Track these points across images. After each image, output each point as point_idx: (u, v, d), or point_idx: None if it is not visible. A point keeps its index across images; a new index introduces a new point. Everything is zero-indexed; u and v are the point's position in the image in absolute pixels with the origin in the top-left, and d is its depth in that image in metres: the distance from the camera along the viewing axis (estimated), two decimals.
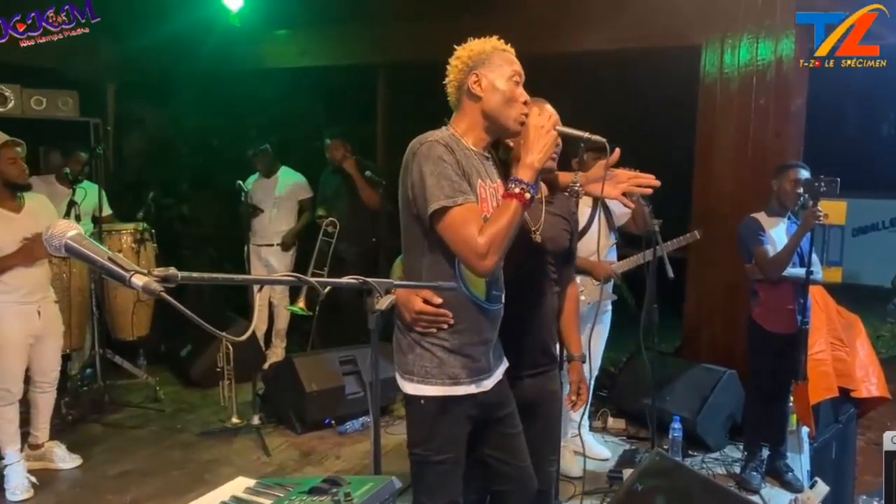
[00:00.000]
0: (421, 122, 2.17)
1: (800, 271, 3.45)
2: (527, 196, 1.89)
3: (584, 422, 4.05)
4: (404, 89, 6.29)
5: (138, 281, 1.08)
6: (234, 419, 4.33)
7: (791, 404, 3.72)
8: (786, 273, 3.48)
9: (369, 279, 1.57)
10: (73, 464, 3.80)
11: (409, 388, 2.03)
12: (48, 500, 3.50)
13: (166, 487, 3.62)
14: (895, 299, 7.54)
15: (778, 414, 3.74)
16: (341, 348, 4.55)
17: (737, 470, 3.77)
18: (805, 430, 3.82)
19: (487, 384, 2.08)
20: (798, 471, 3.72)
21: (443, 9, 5.08)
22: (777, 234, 3.58)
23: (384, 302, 1.60)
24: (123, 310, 4.85)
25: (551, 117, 2.00)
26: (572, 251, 2.49)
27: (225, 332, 1.29)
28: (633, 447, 4.07)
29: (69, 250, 1.09)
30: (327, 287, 1.52)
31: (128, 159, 7.39)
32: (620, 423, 4.39)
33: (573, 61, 5.56)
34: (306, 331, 5.39)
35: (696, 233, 3.90)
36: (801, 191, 3.48)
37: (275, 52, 6.32)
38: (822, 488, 3.20)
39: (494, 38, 2.05)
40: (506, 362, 2.22)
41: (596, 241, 3.24)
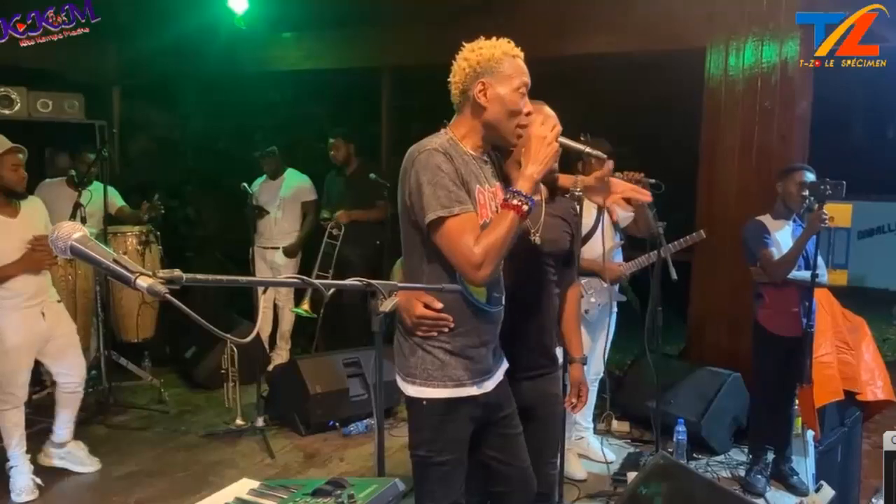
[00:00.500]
0: (425, 125, 2.17)
1: (805, 274, 3.43)
2: (524, 209, 1.87)
3: (588, 424, 4.07)
4: (409, 92, 6.30)
5: (143, 282, 1.08)
6: (239, 421, 4.33)
7: (796, 407, 3.71)
8: (791, 276, 3.47)
9: (373, 281, 1.57)
10: (93, 467, 3.76)
11: (412, 390, 2.04)
12: (53, 501, 3.51)
13: (171, 489, 3.62)
14: None
15: (783, 417, 3.73)
16: (345, 350, 4.55)
17: (742, 473, 3.76)
18: (810, 433, 3.80)
19: (489, 385, 2.08)
20: (803, 474, 3.71)
21: (447, 12, 5.08)
22: (782, 237, 3.57)
23: (388, 304, 1.60)
24: (128, 312, 4.88)
25: (554, 128, 1.95)
26: (573, 253, 2.46)
27: (229, 334, 1.29)
28: (638, 450, 4.07)
29: (74, 252, 1.09)
30: (331, 289, 1.52)
31: (133, 161, 7.41)
32: (625, 426, 4.38)
33: (578, 65, 5.55)
34: (310, 333, 5.40)
35: (702, 232, 3.87)
36: (806, 194, 3.46)
37: (280, 55, 6.34)
38: (828, 492, 3.20)
39: (505, 40, 1.98)
40: (506, 363, 2.21)
41: (601, 244, 3.23)
